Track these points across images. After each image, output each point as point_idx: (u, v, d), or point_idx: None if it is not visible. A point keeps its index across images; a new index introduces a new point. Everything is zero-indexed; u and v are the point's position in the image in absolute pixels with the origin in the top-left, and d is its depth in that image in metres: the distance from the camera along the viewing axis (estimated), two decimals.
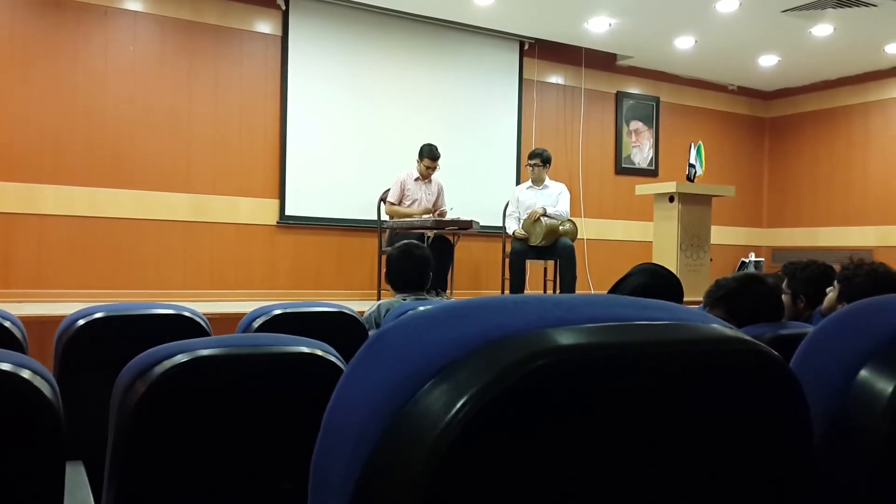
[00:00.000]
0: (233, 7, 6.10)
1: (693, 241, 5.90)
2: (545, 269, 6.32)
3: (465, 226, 5.45)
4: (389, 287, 2.94)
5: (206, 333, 1.81)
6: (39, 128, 5.41)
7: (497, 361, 0.44)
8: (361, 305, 3.45)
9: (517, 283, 5.75)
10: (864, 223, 8.15)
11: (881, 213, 8.01)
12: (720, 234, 7.67)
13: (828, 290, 2.55)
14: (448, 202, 5.96)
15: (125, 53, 5.71)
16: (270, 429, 1.13)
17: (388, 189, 5.95)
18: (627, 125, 8.13)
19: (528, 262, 5.89)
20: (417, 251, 2.88)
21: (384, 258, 3.93)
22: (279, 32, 6.28)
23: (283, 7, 6.26)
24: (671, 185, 5.92)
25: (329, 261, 6.44)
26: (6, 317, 1.74)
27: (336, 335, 1.34)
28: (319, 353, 1.13)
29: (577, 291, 5.73)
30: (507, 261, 5.93)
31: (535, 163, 5.96)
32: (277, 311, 1.88)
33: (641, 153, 8.22)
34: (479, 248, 6.91)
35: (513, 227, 5.93)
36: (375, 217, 6.07)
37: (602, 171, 7.93)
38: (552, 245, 5.71)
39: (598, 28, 6.81)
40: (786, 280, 2.81)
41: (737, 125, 8.97)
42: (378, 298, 5.59)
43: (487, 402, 0.42)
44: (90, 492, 1.35)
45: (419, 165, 5.86)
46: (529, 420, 0.43)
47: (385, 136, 6.61)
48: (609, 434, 0.46)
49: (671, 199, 5.90)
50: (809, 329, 1.25)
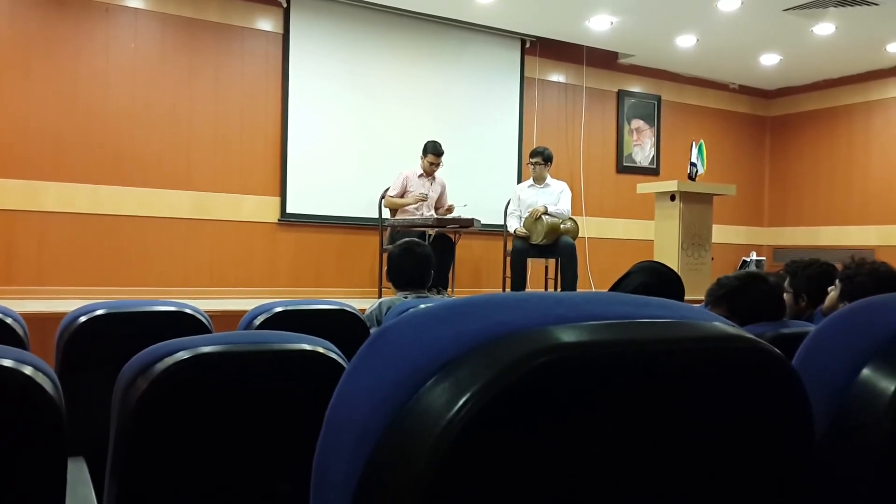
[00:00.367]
0: (234, 4, 6.09)
1: (694, 240, 5.89)
2: (546, 268, 6.32)
3: (467, 224, 5.45)
4: (391, 285, 2.94)
5: (208, 331, 1.82)
6: (40, 125, 5.40)
7: (499, 359, 0.44)
8: (362, 303, 3.45)
9: (518, 282, 5.75)
10: (866, 222, 8.14)
11: (882, 213, 7.99)
12: (721, 233, 7.66)
13: (829, 290, 2.55)
14: (450, 200, 5.95)
15: (126, 51, 5.71)
16: (272, 426, 1.13)
17: (389, 186, 5.94)
18: (629, 123, 8.12)
19: (530, 261, 5.89)
20: (419, 249, 2.88)
21: (385, 256, 3.93)
22: (280, 30, 6.27)
23: (285, 4, 6.26)
24: (672, 184, 5.92)
25: (330, 259, 6.44)
26: (8, 313, 1.75)
27: (337, 333, 1.34)
28: (321, 351, 1.14)
29: (579, 290, 5.72)
30: (509, 259, 5.93)
31: (537, 161, 5.96)
32: (279, 309, 1.88)
33: (643, 152, 8.21)
34: (481, 247, 6.91)
35: (514, 226, 5.93)
36: (377, 215, 6.06)
37: (603, 170, 7.93)
38: (553, 243, 5.71)
39: (600, 26, 6.81)
40: (788, 279, 2.81)
41: (738, 124, 8.96)
42: (379, 296, 5.59)
43: (489, 400, 0.42)
44: (92, 488, 1.35)
45: (423, 162, 5.85)
46: (531, 417, 0.43)
47: (386, 135, 6.60)
48: (611, 432, 0.46)
49: (672, 198, 5.90)
50: (811, 328, 1.25)
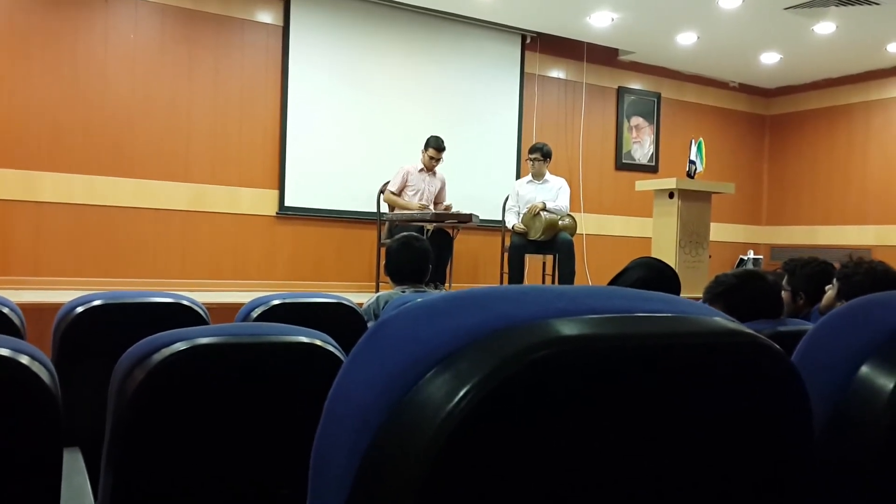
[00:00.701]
0: None
1: (692, 238, 5.90)
2: (544, 264, 6.32)
3: (465, 219, 5.45)
4: (388, 279, 2.94)
5: (205, 322, 1.81)
6: (38, 115, 5.39)
7: (499, 351, 0.43)
8: (360, 297, 3.45)
9: (515, 278, 5.75)
10: (864, 222, 8.15)
11: (880, 213, 8.00)
12: (719, 231, 7.67)
13: (827, 288, 2.55)
14: (449, 196, 5.95)
15: (125, 41, 5.69)
16: (268, 418, 1.13)
17: (389, 181, 5.93)
18: (628, 121, 8.12)
19: (527, 257, 5.89)
20: (417, 243, 2.88)
21: (383, 250, 3.92)
22: (280, 22, 6.25)
23: None
24: (671, 182, 5.92)
25: (328, 252, 6.44)
26: (4, 303, 1.74)
27: (335, 326, 1.34)
28: (319, 344, 1.13)
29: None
30: (506, 255, 5.93)
31: (536, 157, 5.95)
32: (276, 302, 1.88)
33: (642, 149, 8.21)
34: (478, 242, 6.91)
35: (512, 222, 5.93)
36: (375, 209, 6.06)
37: (602, 167, 7.92)
38: (551, 240, 5.71)
39: (601, 23, 6.80)
40: (786, 277, 2.82)
41: (738, 122, 8.96)
42: (376, 290, 5.59)
43: (489, 392, 0.42)
44: (87, 479, 1.35)
45: (423, 156, 5.84)
46: (531, 410, 0.43)
47: (385, 129, 6.60)
48: (611, 425, 0.46)
49: (671, 196, 5.90)
50: (808, 326, 1.25)
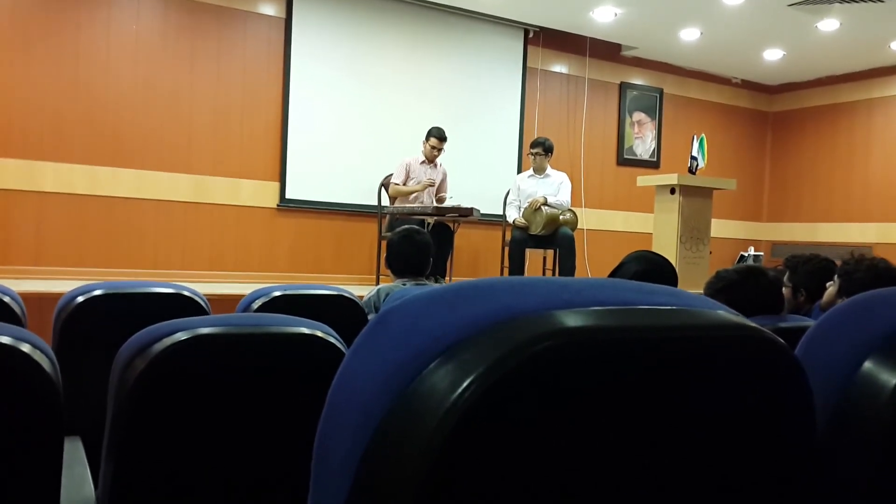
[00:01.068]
0: None
1: (693, 234, 5.89)
2: (544, 259, 6.32)
3: (466, 213, 5.44)
4: (389, 272, 2.94)
5: (206, 313, 1.81)
6: (40, 105, 5.38)
7: (503, 342, 0.43)
8: (360, 290, 3.44)
9: (516, 272, 5.75)
10: (865, 220, 8.14)
11: (882, 210, 7.99)
12: (720, 228, 7.67)
13: (828, 285, 2.55)
14: (450, 189, 5.95)
15: (128, 32, 5.67)
16: (269, 408, 1.13)
17: (390, 174, 5.92)
18: (630, 116, 8.10)
19: (528, 251, 5.89)
20: (418, 236, 2.88)
21: (384, 244, 3.92)
22: (283, 14, 6.24)
23: None
24: (673, 177, 5.91)
25: (328, 245, 6.43)
26: (5, 292, 1.74)
27: (335, 319, 1.34)
28: (320, 335, 1.13)
29: None
30: (507, 249, 5.93)
31: (537, 151, 5.95)
32: (277, 293, 1.88)
33: (644, 144, 8.20)
34: (479, 236, 6.91)
35: (513, 216, 5.93)
36: (376, 202, 6.05)
37: (604, 162, 7.92)
38: (552, 234, 5.71)
39: (604, 18, 6.78)
40: (787, 273, 2.81)
41: (740, 119, 8.94)
42: (377, 283, 5.59)
43: (493, 383, 0.42)
44: (88, 468, 1.35)
45: (425, 146, 5.83)
46: (535, 401, 0.43)
47: (387, 122, 6.59)
48: (615, 417, 0.46)
49: (672, 191, 5.89)
50: (809, 322, 1.25)
